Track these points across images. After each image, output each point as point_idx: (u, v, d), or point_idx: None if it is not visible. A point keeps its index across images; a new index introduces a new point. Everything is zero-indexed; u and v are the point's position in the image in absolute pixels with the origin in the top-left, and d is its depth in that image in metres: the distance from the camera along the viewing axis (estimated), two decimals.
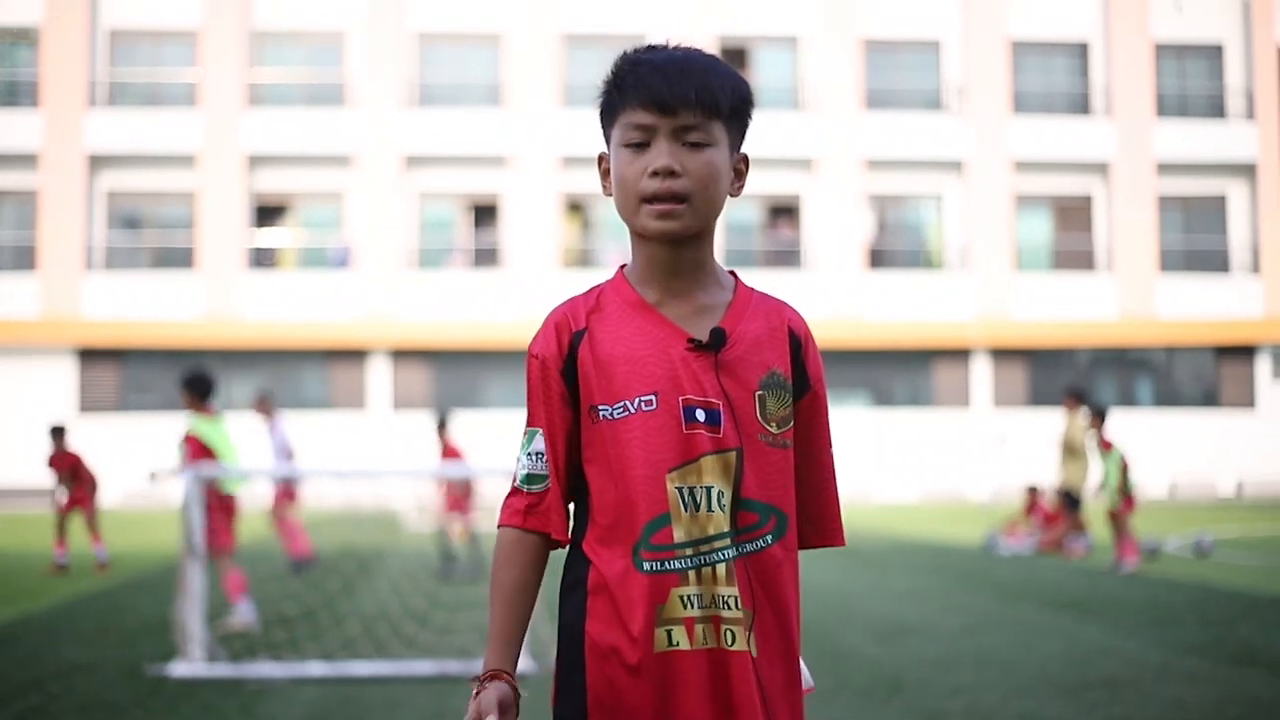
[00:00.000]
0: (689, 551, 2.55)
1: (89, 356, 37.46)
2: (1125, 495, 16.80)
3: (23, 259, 38.27)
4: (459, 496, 16.91)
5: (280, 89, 39.43)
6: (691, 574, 2.55)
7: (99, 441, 30.72)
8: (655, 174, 2.60)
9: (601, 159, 2.76)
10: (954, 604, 12.83)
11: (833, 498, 2.80)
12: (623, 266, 2.75)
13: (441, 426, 17.51)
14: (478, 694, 2.55)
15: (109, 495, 31.48)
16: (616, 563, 2.58)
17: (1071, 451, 19.46)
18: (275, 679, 8.76)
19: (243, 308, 37.73)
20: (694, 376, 2.59)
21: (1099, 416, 17.34)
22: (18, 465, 35.92)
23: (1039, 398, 39.35)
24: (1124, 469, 16.92)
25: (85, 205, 38.03)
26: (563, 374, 2.64)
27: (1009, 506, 30.26)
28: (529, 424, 2.69)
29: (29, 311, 37.37)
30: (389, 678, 8.84)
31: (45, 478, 17.48)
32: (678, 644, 2.54)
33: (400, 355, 38.09)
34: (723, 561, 2.56)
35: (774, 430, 2.64)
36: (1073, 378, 38.90)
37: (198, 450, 11.43)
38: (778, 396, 2.66)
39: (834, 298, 38.68)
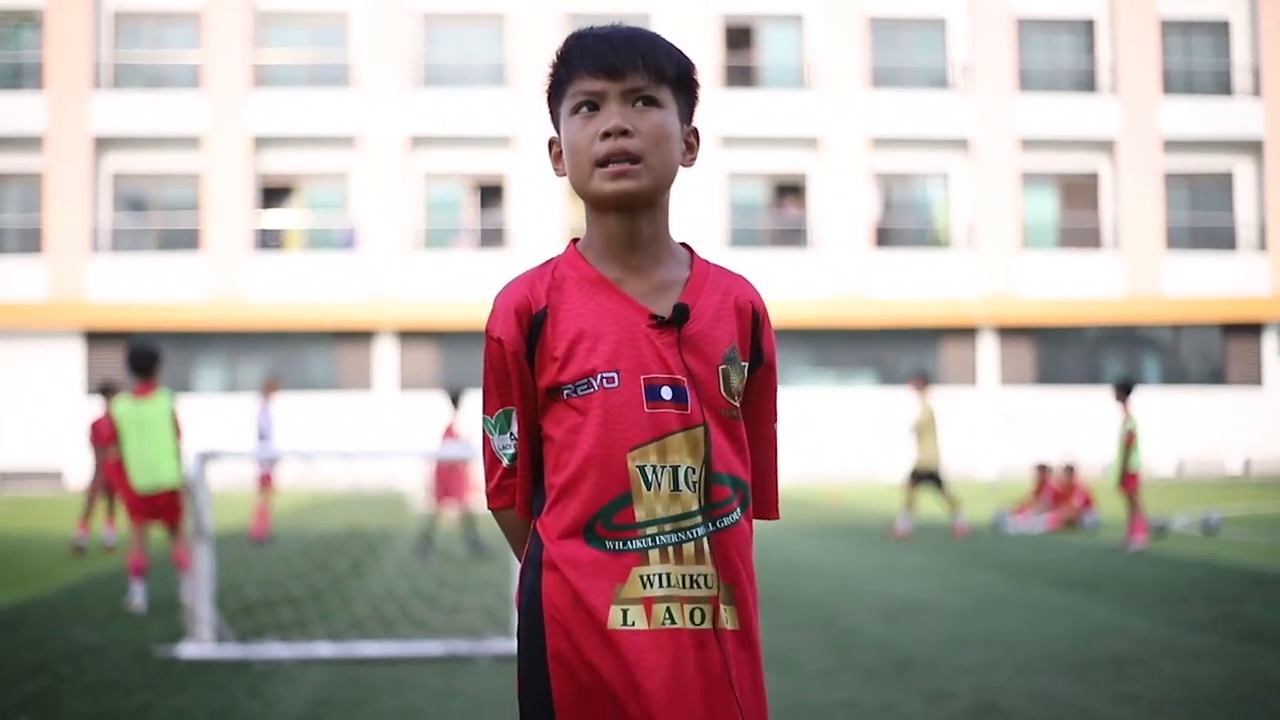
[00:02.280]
0: (651, 530, 2.55)
1: (95, 339, 37.49)
2: (1125, 472, 16.64)
3: (28, 241, 38.29)
4: (452, 479, 16.95)
5: (285, 70, 39.41)
6: (654, 553, 2.55)
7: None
8: (607, 135, 2.59)
9: (552, 143, 2.75)
10: (961, 583, 12.84)
11: (773, 472, 2.82)
12: (574, 241, 2.73)
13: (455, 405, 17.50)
14: None
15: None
16: (568, 541, 2.57)
17: (922, 432, 19.55)
18: (283, 660, 8.77)
19: (249, 289, 37.74)
20: (657, 354, 2.59)
21: (1124, 391, 17.14)
22: (26, 448, 36.00)
23: (1046, 376, 39.36)
24: (1127, 444, 16.77)
25: (91, 187, 38.04)
26: (523, 354, 2.63)
27: (1016, 485, 30.27)
28: (501, 404, 2.68)
29: (35, 294, 37.40)
30: (397, 658, 8.86)
31: (68, 453, 17.46)
32: (633, 624, 2.52)
33: (406, 336, 38.12)
34: (692, 540, 2.56)
35: (735, 403, 2.66)
36: (1081, 356, 39.02)
37: (110, 432, 11.50)
38: (737, 371, 2.66)
39: (840, 276, 38.66)
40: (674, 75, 2.66)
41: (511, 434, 2.68)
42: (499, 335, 2.65)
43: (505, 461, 2.70)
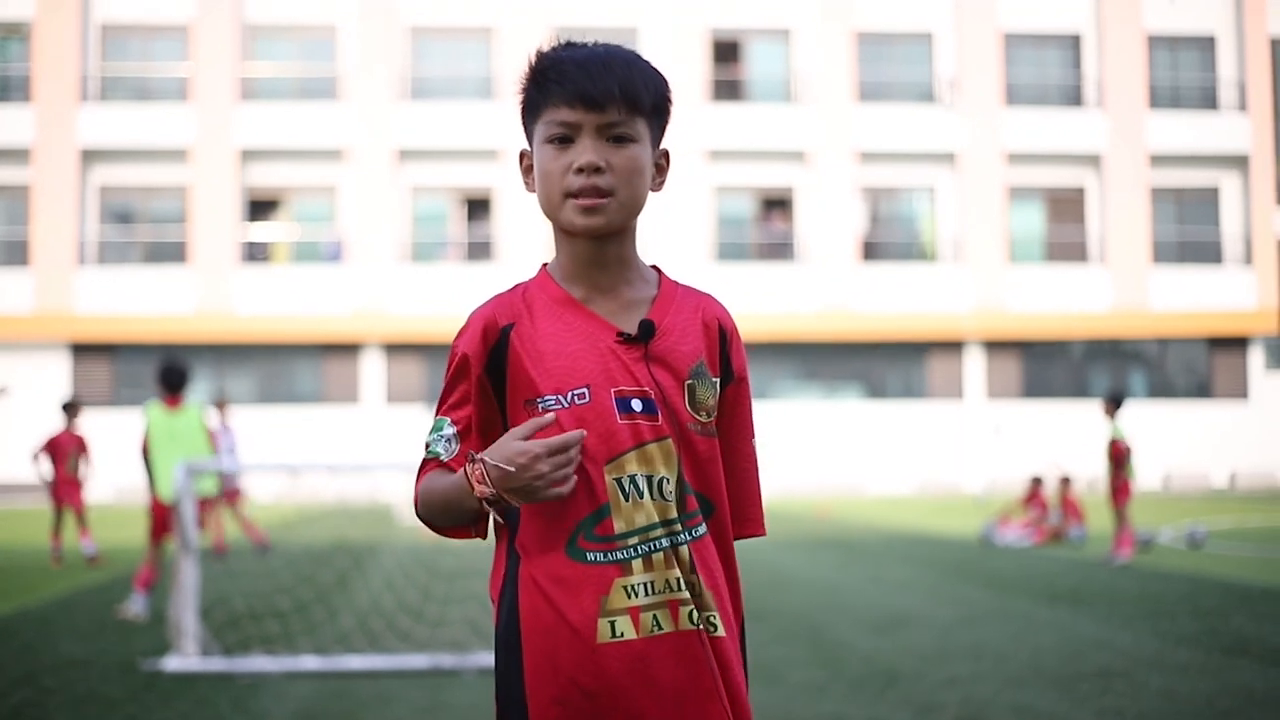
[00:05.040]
0: (633, 540, 2.55)
1: (82, 351, 37.44)
2: (1116, 483, 16.64)
3: (15, 254, 38.23)
4: None
5: (272, 83, 39.40)
6: (637, 563, 2.55)
7: (92, 436, 30.62)
8: (580, 170, 2.59)
9: (523, 156, 2.76)
10: (948, 596, 12.85)
11: (754, 487, 2.81)
12: (545, 264, 2.75)
13: None
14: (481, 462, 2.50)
15: (103, 490, 31.48)
16: (549, 556, 2.57)
17: None
18: (269, 673, 8.75)
19: (236, 302, 37.70)
20: (625, 368, 2.60)
21: (1114, 404, 17.12)
22: (13, 460, 35.89)
23: (1033, 389, 39.42)
24: (1114, 456, 16.75)
25: (78, 200, 37.99)
26: (487, 370, 2.63)
27: (1004, 498, 30.30)
28: (439, 412, 2.68)
29: (22, 306, 37.33)
30: (382, 671, 8.84)
31: (42, 465, 17.52)
32: (622, 634, 2.53)
33: (393, 349, 38.10)
34: (676, 546, 2.57)
35: (702, 419, 2.65)
36: (1068, 369, 39.13)
37: (142, 443, 11.61)
38: (705, 386, 2.66)
39: (827, 290, 38.70)
40: (650, 106, 2.66)
41: (442, 437, 2.66)
42: (463, 349, 2.66)
43: (426, 454, 2.68)
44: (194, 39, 38.78)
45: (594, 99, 2.58)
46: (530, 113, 2.69)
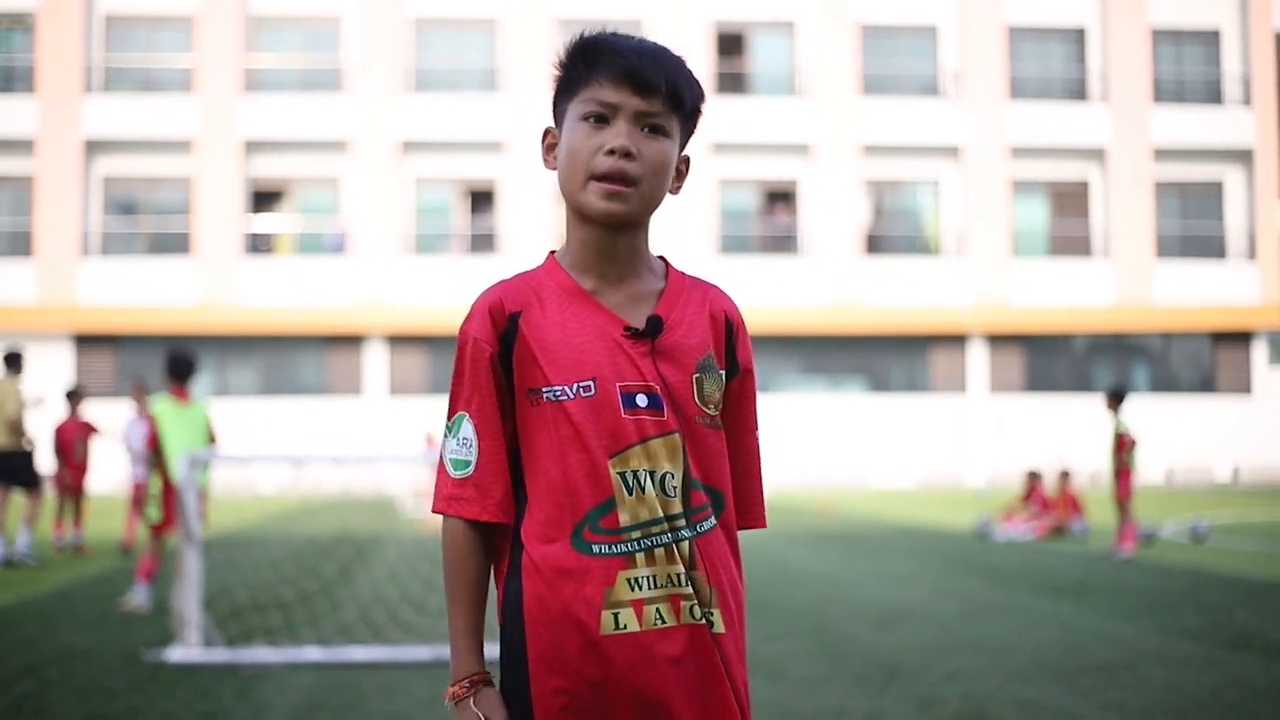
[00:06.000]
0: (637, 534, 2.54)
1: (85, 342, 37.45)
2: (1118, 468, 16.62)
3: (19, 245, 38.24)
4: None
5: (276, 74, 39.39)
6: (641, 556, 2.53)
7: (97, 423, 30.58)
8: (611, 152, 2.57)
9: (548, 133, 2.74)
10: (950, 590, 12.85)
11: (756, 480, 2.80)
12: (553, 252, 2.72)
13: None
14: (474, 702, 2.60)
15: (107, 481, 31.48)
16: (554, 546, 2.55)
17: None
18: (271, 664, 8.76)
19: (239, 293, 37.71)
20: (631, 363, 2.58)
21: (1116, 399, 17.10)
22: None
23: (1036, 384, 39.41)
24: (1117, 447, 16.73)
25: (81, 191, 38.00)
26: (498, 356, 2.61)
27: (1005, 492, 30.29)
28: (455, 409, 2.64)
29: (26, 297, 37.35)
30: (385, 663, 8.84)
31: (48, 452, 17.53)
32: (625, 627, 2.52)
33: (397, 341, 38.10)
34: (681, 541, 2.56)
35: (710, 412, 2.64)
36: (1071, 363, 39.08)
37: (151, 433, 11.58)
38: (713, 379, 2.65)
39: (831, 283, 38.69)
40: (688, 108, 2.65)
41: (461, 439, 2.64)
42: (471, 334, 2.62)
43: (450, 470, 2.64)
44: (198, 30, 38.77)
45: (641, 85, 2.57)
46: (566, 89, 2.66)
